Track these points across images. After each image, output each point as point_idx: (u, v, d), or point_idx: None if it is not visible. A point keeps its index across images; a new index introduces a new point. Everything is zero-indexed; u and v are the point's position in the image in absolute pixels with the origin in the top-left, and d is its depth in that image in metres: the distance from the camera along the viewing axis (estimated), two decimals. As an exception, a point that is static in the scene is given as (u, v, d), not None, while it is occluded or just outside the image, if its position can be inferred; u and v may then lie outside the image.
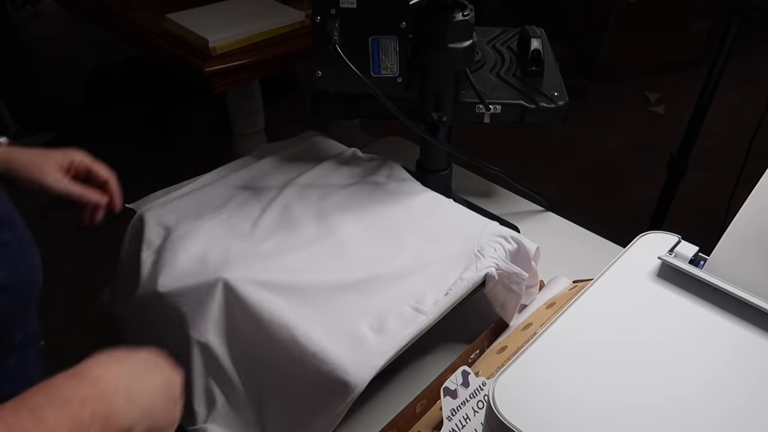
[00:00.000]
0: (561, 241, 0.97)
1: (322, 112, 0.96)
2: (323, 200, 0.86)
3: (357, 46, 0.80)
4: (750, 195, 0.57)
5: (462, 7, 0.82)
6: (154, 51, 1.23)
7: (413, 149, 1.01)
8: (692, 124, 1.42)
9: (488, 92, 0.92)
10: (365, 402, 0.73)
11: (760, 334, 0.52)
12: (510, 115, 0.91)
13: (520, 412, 0.46)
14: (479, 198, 1.05)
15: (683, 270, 0.57)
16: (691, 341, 0.52)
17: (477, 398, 0.65)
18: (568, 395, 0.48)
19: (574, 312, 0.54)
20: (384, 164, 0.94)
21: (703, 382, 0.49)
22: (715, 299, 0.55)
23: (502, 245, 0.77)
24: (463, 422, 0.64)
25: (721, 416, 0.46)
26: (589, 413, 0.46)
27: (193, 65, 1.12)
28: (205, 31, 1.13)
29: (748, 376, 0.49)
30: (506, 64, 0.99)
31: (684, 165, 1.48)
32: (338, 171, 0.92)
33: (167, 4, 1.26)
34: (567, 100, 0.92)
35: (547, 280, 0.86)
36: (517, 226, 0.96)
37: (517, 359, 0.50)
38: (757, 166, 0.66)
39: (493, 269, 0.73)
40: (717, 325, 0.53)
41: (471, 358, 0.74)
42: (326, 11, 0.78)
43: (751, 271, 0.55)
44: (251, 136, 1.46)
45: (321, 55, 0.81)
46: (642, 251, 0.60)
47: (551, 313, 0.77)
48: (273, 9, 1.25)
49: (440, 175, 0.96)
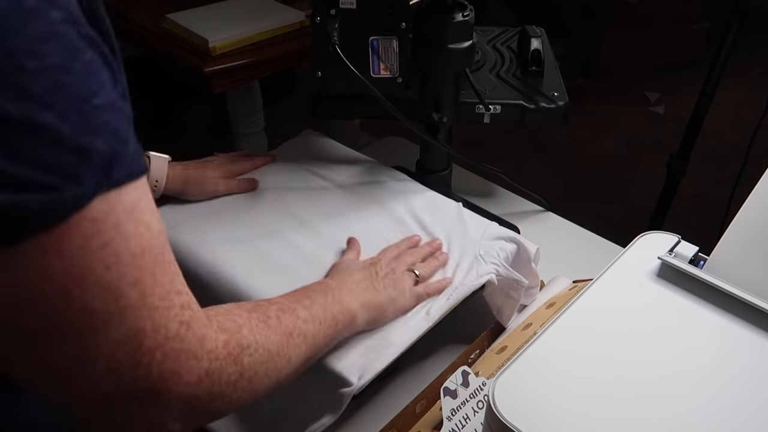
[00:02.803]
0: (561, 242, 0.97)
1: (322, 113, 0.96)
2: (322, 200, 0.86)
3: (357, 46, 0.80)
4: (750, 195, 0.57)
5: (462, 7, 0.82)
6: (154, 51, 1.23)
7: (413, 149, 1.01)
8: (692, 124, 1.42)
9: (488, 92, 0.92)
10: (365, 402, 0.73)
11: (760, 334, 0.52)
12: (510, 115, 0.91)
13: (520, 412, 0.46)
14: (479, 198, 1.05)
15: (683, 270, 0.57)
16: (691, 341, 0.52)
17: (477, 398, 0.65)
18: (568, 395, 0.48)
19: (574, 312, 0.54)
20: (383, 165, 0.94)
21: (702, 382, 0.49)
22: (715, 299, 0.55)
23: (503, 248, 0.77)
24: (463, 422, 0.64)
25: (721, 416, 0.46)
26: (589, 413, 0.46)
27: (193, 65, 1.12)
28: (205, 31, 1.13)
29: (748, 375, 0.49)
30: (506, 64, 0.99)
31: (684, 165, 1.48)
32: (338, 171, 0.92)
33: (167, 4, 1.26)
34: (567, 100, 0.92)
35: (547, 280, 0.86)
36: (517, 227, 0.96)
37: (517, 359, 0.50)
38: (757, 166, 0.66)
39: (494, 275, 0.73)
40: (717, 325, 0.53)
41: (471, 358, 0.74)
42: (326, 12, 0.78)
43: (751, 271, 0.55)
44: (251, 136, 1.46)
45: (321, 56, 0.81)
46: (642, 251, 0.60)
47: (551, 313, 0.77)
48: (273, 9, 1.25)
49: (440, 176, 0.96)
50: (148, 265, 0.38)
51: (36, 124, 0.33)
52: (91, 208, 0.35)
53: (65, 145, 0.34)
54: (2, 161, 0.32)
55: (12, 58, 0.32)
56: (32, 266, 0.34)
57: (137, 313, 0.38)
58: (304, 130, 1.03)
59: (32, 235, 0.34)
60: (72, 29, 0.34)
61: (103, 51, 0.37)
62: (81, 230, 0.35)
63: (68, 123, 0.34)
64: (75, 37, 0.34)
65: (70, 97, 0.34)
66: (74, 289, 0.35)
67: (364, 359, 0.64)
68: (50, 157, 0.33)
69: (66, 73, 0.34)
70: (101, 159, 0.35)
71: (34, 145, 0.33)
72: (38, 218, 0.34)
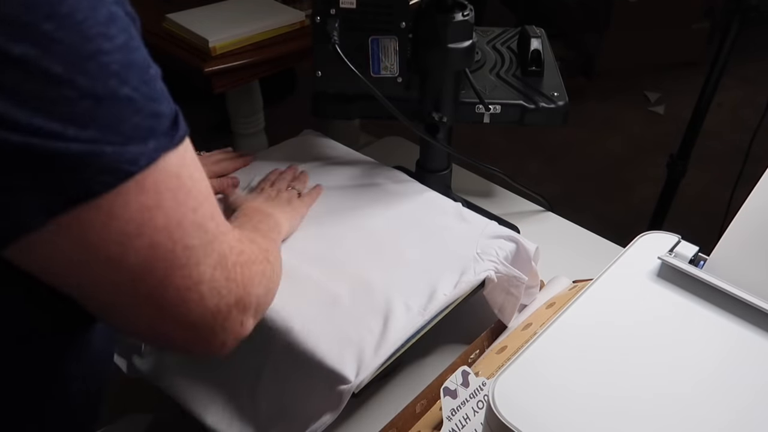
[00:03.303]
0: (561, 241, 0.97)
1: (322, 112, 0.96)
2: (322, 200, 0.86)
3: (357, 46, 0.80)
4: (750, 195, 0.57)
5: (462, 7, 0.82)
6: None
7: (413, 149, 1.01)
8: (692, 124, 1.42)
9: (488, 92, 0.92)
10: (365, 402, 0.73)
11: (760, 334, 0.52)
12: (510, 115, 0.91)
13: (520, 412, 0.46)
14: (479, 198, 1.05)
15: (683, 270, 0.57)
16: (691, 341, 0.52)
17: (477, 398, 0.65)
18: (568, 395, 0.48)
19: (574, 312, 0.54)
20: (383, 165, 0.94)
21: (702, 383, 0.49)
22: (715, 299, 0.55)
23: (502, 246, 0.77)
24: (463, 422, 0.64)
25: (721, 416, 0.46)
26: (589, 413, 0.46)
27: (193, 65, 1.12)
28: (205, 31, 1.14)
29: (748, 376, 0.49)
30: (506, 64, 0.99)
31: (684, 165, 1.48)
32: (338, 171, 0.92)
33: (167, 4, 1.26)
34: (567, 100, 0.92)
35: (547, 280, 0.86)
36: (517, 226, 0.96)
37: (517, 359, 0.50)
38: (757, 167, 0.66)
39: (493, 272, 0.73)
40: (717, 325, 0.53)
41: (471, 358, 0.74)
42: (326, 11, 0.78)
43: (751, 271, 0.55)
44: (251, 136, 1.46)
45: (321, 56, 0.81)
46: (642, 251, 0.60)
47: (551, 313, 0.77)
48: (273, 9, 1.25)
49: (440, 176, 0.96)
50: (212, 201, 0.46)
51: (120, 97, 0.38)
52: (169, 162, 0.41)
53: (143, 113, 0.39)
54: (96, 129, 0.37)
55: (93, 41, 0.36)
56: (136, 209, 0.40)
57: (220, 240, 0.46)
58: (304, 130, 1.03)
59: (131, 176, 0.38)
60: (120, 10, 0.39)
61: (138, 27, 0.41)
62: (168, 183, 0.41)
63: (141, 94, 0.39)
64: (123, 16, 0.39)
65: (137, 70, 0.39)
66: (176, 232, 0.42)
67: (361, 356, 0.64)
68: (132, 124, 0.38)
69: (129, 49, 0.39)
70: (168, 120, 0.41)
71: (121, 116, 0.38)
72: (132, 162, 0.38)
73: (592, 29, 2.99)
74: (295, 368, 0.66)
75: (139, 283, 0.42)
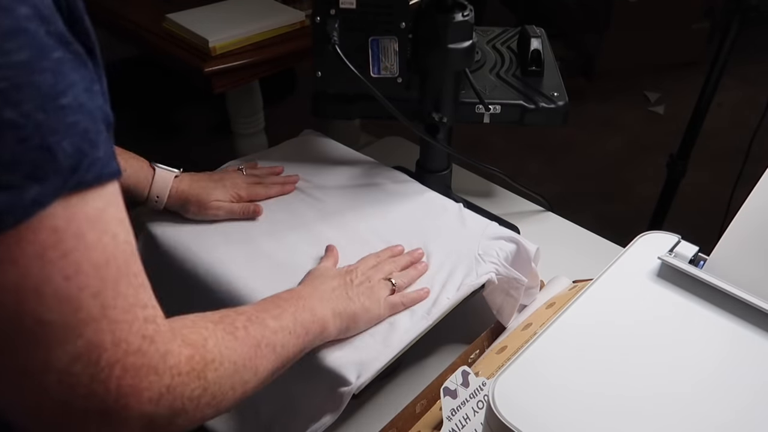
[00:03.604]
0: (561, 241, 0.97)
1: (322, 113, 0.96)
2: (322, 200, 0.86)
3: (357, 46, 0.80)
4: (750, 195, 0.57)
5: (462, 7, 0.82)
6: (154, 51, 1.23)
7: (413, 149, 1.01)
8: (692, 124, 1.42)
9: (488, 92, 0.92)
10: (365, 402, 0.73)
11: (760, 334, 0.52)
12: (510, 115, 0.91)
13: (520, 412, 0.46)
14: (479, 198, 1.05)
15: (683, 270, 0.57)
16: (691, 341, 0.52)
17: (477, 398, 0.65)
18: (568, 395, 0.48)
19: (574, 312, 0.54)
20: (384, 165, 0.94)
21: (702, 382, 0.49)
22: (715, 299, 0.55)
23: (503, 247, 0.77)
24: (463, 422, 0.64)
25: (721, 416, 0.46)
26: (589, 413, 0.46)
27: (193, 65, 1.12)
28: (205, 31, 1.14)
29: (748, 376, 0.49)
30: (506, 64, 0.99)
31: (684, 165, 1.48)
32: (338, 171, 0.92)
33: (167, 4, 1.26)
34: (567, 100, 0.92)
35: (547, 280, 0.86)
36: (517, 226, 0.96)
37: (517, 359, 0.50)
38: (757, 166, 0.66)
39: (493, 275, 0.73)
40: (717, 325, 0.53)
41: (471, 358, 0.74)
42: (326, 11, 0.78)
43: (751, 271, 0.55)
44: (251, 136, 1.46)
45: (321, 56, 0.81)
46: (642, 251, 0.60)
47: (551, 313, 0.77)
48: (273, 9, 1.25)
49: (440, 176, 0.96)
50: (111, 277, 0.37)
51: (1, 120, 0.32)
52: (52, 214, 0.34)
53: (28, 143, 0.32)
54: None
55: None
56: None
57: (97, 326, 0.36)
58: (304, 130, 1.03)
59: None
60: (41, 27, 0.33)
61: (77, 51, 0.36)
62: (39, 237, 0.33)
63: (32, 121, 0.33)
64: (43, 35, 0.33)
65: (36, 95, 0.33)
66: (29, 300, 0.34)
67: (362, 358, 0.64)
68: (11, 155, 0.32)
69: (32, 70, 0.33)
70: (66, 160, 0.34)
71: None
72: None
73: (592, 29, 2.99)
74: (295, 368, 0.66)
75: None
